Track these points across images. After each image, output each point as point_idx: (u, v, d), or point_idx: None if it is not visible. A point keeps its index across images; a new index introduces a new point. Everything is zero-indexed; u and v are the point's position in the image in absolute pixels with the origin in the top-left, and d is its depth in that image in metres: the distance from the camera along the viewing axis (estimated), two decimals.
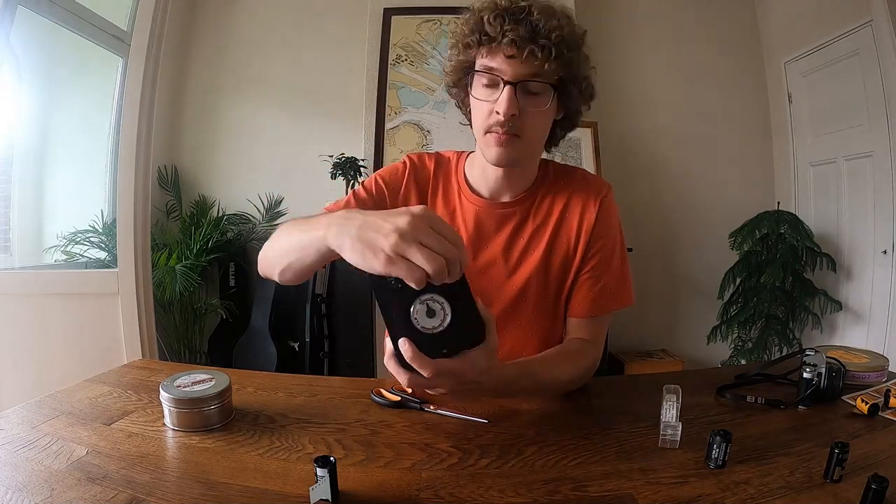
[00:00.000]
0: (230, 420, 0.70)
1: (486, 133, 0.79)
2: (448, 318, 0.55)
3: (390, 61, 2.52)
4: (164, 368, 0.94)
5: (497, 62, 0.75)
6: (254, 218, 2.74)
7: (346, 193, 2.37)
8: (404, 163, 0.92)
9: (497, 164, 0.81)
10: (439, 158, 0.93)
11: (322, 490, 0.50)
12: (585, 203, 0.87)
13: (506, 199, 0.88)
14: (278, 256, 0.70)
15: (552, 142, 0.89)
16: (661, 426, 0.63)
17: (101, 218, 2.28)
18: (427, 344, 0.55)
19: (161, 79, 2.06)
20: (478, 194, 0.89)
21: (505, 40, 0.72)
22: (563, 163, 0.96)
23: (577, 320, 0.88)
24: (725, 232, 2.62)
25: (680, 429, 0.62)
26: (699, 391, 0.81)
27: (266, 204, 2.73)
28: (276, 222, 2.72)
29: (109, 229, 2.20)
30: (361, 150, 2.46)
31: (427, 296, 0.54)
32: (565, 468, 0.58)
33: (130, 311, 1.95)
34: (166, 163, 2.71)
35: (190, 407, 0.66)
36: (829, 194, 2.57)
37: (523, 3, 0.74)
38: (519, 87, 0.75)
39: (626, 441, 0.65)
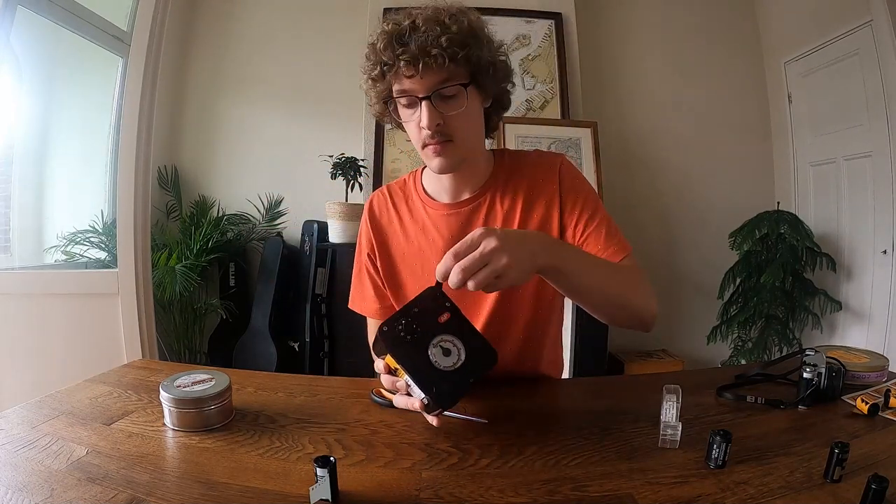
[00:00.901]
0: (230, 420, 0.70)
1: (423, 147, 0.82)
2: (463, 350, 0.61)
3: None
4: (164, 368, 0.94)
5: (405, 84, 0.78)
6: (254, 218, 2.74)
7: (346, 193, 2.35)
8: (363, 217, 0.98)
9: (443, 173, 0.84)
10: (391, 189, 0.98)
11: (322, 490, 0.50)
12: (546, 176, 0.89)
13: (466, 196, 0.90)
14: None
15: (490, 128, 0.91)
16: (661, 426, 0.63)
17: (101, 218, 2.28)
18: (456, 379, 0.60)
19: (161, 79, 2.06)
20: (440, 202, 0.92)
21: (401, 63, 0.75)
22: (519, 150, 0.98)
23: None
24: (725, 232, 2.62)
25: (680, 429, 0.62)
26: (699, 391, 0.81)
27: (266, 204, 2.73)
28: (276, 222, 2.72)
29: (109, 229, 2.20)
30: (361, 150, 2.46)
31: (437, 338, 0.61)
32: (565, 468, 0.58)
33: (130, 311, 1.95)
34: (166, 163, 2.71)
35: (190, 407, 0.66)
36: (829, 194, 2.57)
37: (406, 23, 0.76)
38: (433, 97, 0.77)
39: (626, 441, 0.65)
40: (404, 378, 0.64)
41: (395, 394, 0.69)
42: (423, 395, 0.60)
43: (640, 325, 0.81)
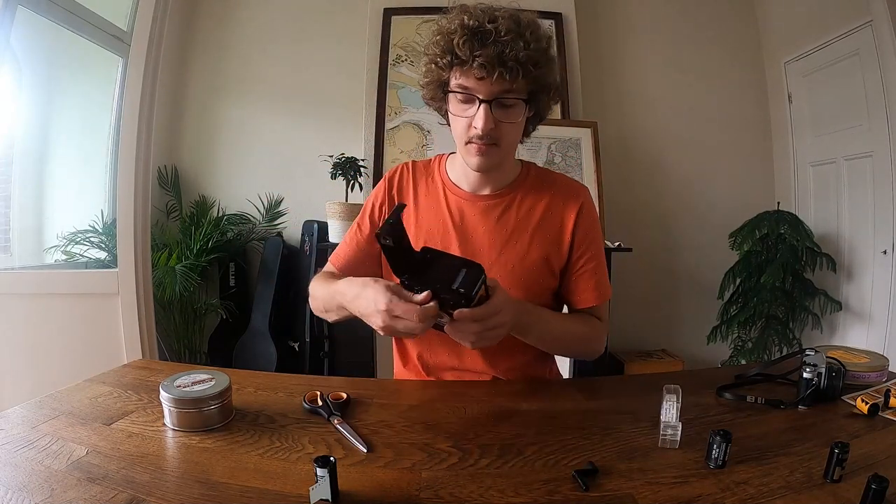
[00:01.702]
0: (230, 420, 0.70)
1: (466, 143, 0.85)
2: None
3: (390, 61, 2.52)
4: (164, 368, 0.94)
5: (470, 82, 0.80)
6: (254, 218, 2.74)
7: (346, 193, 2.35)
8: (381, 182, 1.01)
9: (479, 171, 0.89)
10: (416, 165, 1.01)
11: (322, 490, 0.50)
12: (566, 204, 0.93)
13: (487, 191, 0.94)
14: (324, 311, 0.93)
15: (525, 135, 0.94)
16: (661, 426, 0.63)
17: (101, 218, 2.28)
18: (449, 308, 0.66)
19: (161, 79, 2.06)
20: (461, 188, 0.95)
21: (475, 63, 0.77)
22: (545, 167, 1.02)
23: (582, 311, 0.95)
24: (725, 232, 2.62)
25: (680, 429, 0.62)
26: (699, 391, 0.81)
27: (266, 204, 2.73)
28: (276, 222, 2.72)
29: (109, 229, 2.20)
30: (361, 150, 2.46)
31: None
32: (565, 468, 0.58)
33: (130, 311, 1.95)
34: (166, 163, 2.71)
35: (190, 407, 0.66)
36: (829, 194, 2.57)
37: (490, 26, 0.77)
38: (493, 103, 0.80)
39: (626, 441, 0.65)
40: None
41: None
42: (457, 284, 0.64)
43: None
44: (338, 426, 0.68)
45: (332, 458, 0.51)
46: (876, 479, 0.48)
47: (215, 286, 2.72)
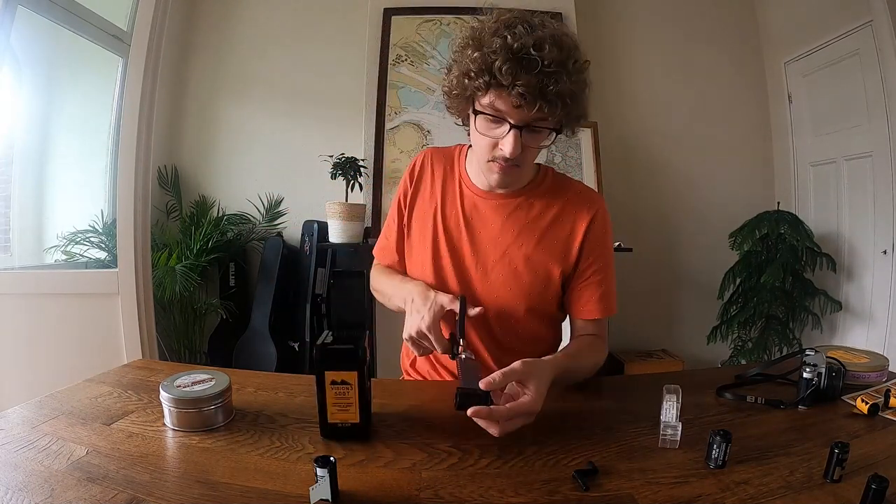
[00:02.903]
0: (230, 420, 0.70)
1: (488, 161, 0.83)
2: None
3: (390, 61, 2.51)
4: (164, 368, 0.94)
5: (505, 106, 0.76)
6: (254, 218, 2.74)
7: (346, 193, 2.35)
8: (408, 168, 1.02)
9: (498, 188, 0.90)
10: (443, 153, 1.01)
11: (322, 490, 0.50)
12: (579, 212, 0.92)
13: (501, 191, 0.93)
14: (387, 301, 0.99)
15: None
16: (661, 426, 0.63)
17: (101, 218, 2.28)
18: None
19: (161, 79, 2.06)
20: (476, 185, 0.95)
21: (514, 91, 0.73)
22: (562, 172, 1.00)
23: (584, 321, 0.94)
24: (725, 232, 2.62)
25: (680, 429, 0.62)
26: (699, 391, 0.81)
27: (266, 204, 2.73)
28: (276, 222, 2.72)
29: (109, 229, 2.20)
30: (361, 150, 2.46)
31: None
32: (565, 468, 0.58)
33: (130, 311, 1.95)
34: (166, 163, 2.71)
35: (190, 407, 0.66)
36: (829, 194, 2.57)
37: (535, 54, 0.72)
38: (524, 129, 0.78)
39: (626, 441, 0.65)
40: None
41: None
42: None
43: None
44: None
45: (332, 459, 0.51)
46: (876, 479, 0.48)
47: (215, 286, 2.72)
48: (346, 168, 2.29)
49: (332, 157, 2.30)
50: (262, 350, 2.53)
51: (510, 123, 0.77)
